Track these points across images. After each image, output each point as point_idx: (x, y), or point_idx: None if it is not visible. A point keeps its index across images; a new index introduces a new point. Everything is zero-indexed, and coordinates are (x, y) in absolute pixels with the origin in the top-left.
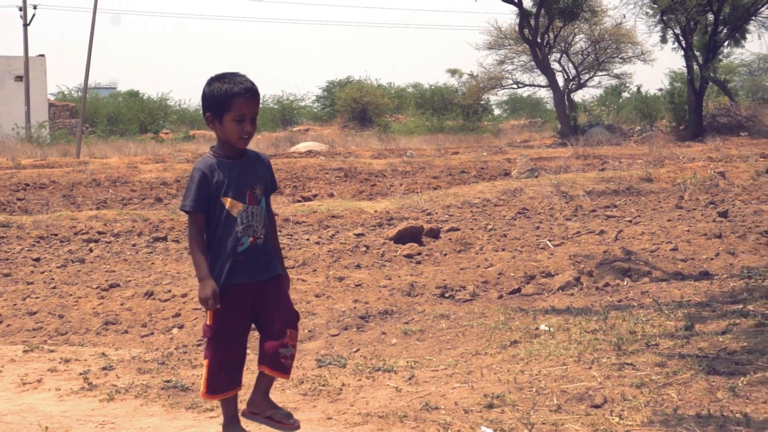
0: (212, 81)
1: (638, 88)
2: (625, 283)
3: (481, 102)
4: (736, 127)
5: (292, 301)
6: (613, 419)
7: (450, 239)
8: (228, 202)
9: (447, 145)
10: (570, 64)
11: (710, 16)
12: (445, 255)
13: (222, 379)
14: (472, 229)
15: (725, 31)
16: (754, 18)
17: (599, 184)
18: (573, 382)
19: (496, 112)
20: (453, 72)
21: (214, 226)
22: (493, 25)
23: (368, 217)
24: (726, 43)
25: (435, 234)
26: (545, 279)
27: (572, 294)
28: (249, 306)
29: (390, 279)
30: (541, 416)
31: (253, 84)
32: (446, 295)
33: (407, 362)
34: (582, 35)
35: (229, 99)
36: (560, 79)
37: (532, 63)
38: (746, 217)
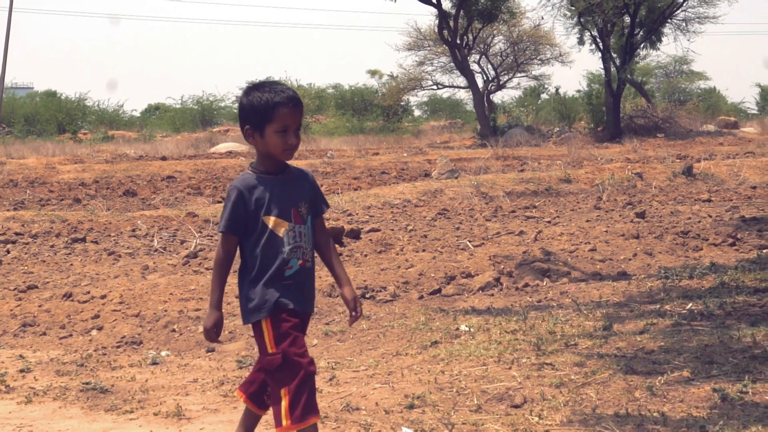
0: (251, 90)
1: (557, 90)
2: (544, 284)
3: (401, 103)
4: (653, 129)
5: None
6: (532, 419)
7: (370, 240)
8: (271, 221)
9: (367, 146)
10: (489, 66)
11: (627, 19)
12: (366, 256)
13: (307, 402)
14: (392, 229)
15: (641, 33)
16: (669, 21)
17: (519, 185)
18: (493, 383)
19: (416, 113)
20: (373, 73)
21: (254, 247)
22: (413, 27)
23: None
24: (642, 46)
25: (355, 235)
26: (465, 280)
27: (492, 294)
28: (302, 330)
29: None
30: (462, 416)
31: (295, 93)
32: (367, 295)
33: (328, 363)
34: (501, 37)
35: (271, 109)
36: (480, 81)
37: (452, 64)
38: (663, 217)
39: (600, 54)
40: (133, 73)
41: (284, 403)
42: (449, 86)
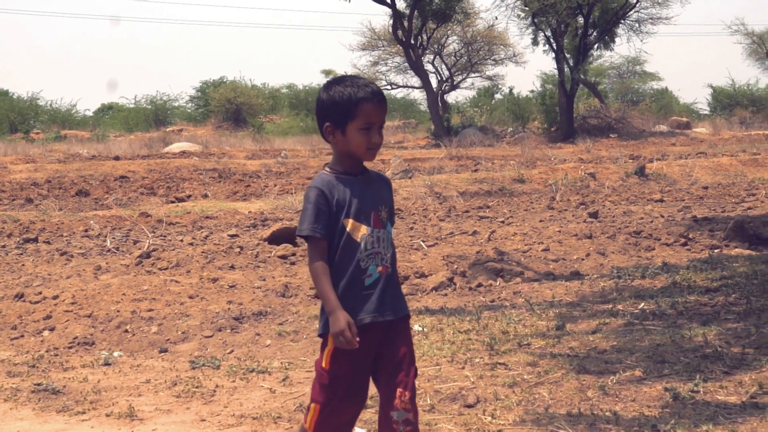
0: (331, 85)
1: (510, 90)
2: (497, 284)
3: None
4: (606, 129)
5: (168, 303)
6: (485, 419)
7: None
8: (350, 224)
9: (321, 146)
10: (443, 66)
11: (580, 19)
12: None
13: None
14: None
15: (595, 34)
16: (622, 21)
17: (472, 185)
18: (446, 382)
19: None
20: (327, 73)
21: (332, 251)
22: (367, 27)
23: (242, 218)
24: (596, 46)
25: None
26: (419, 279)
27: (446, 294)
28: (371, 352)
29: (264, 280)
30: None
31: (379, 88)
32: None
33: (281, 363)
34: (455, 37)
35: (355, 105)
36: (434, 81)
37: (406, 64)
38: (616, 217)
39: (554, 54)
40: (86, 73)
41: (311, 417)
42: (403, 86)
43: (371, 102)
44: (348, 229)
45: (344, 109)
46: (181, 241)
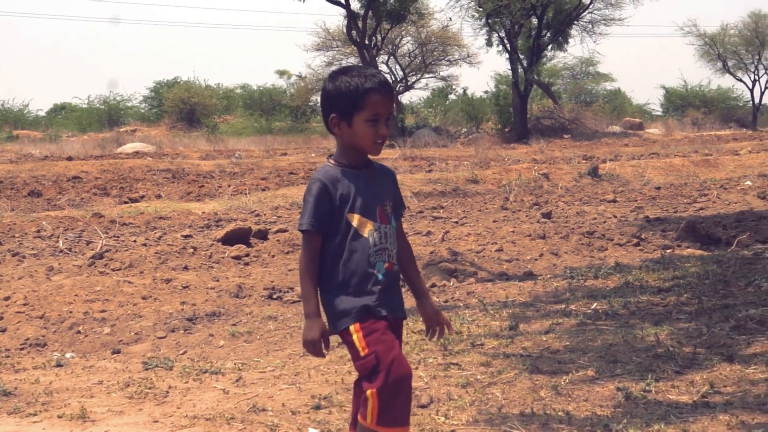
0: (337, 75)
1: (464, 91)
2: (451, 284)
3: (310, 103)
4: (560, 130)
5: (121, 304)
6: (438, 419)
7: (278, 240)
8: (356, 219)
9: (275, 147)
10: (397, 66)
11: (534, 20)
12: (273, 256)
13: (401, 407)
14: None
15: (549, 35)
16: (576, 22)
17: (426, 185)
18: None
19: None
20: (281, 73)
21: (338, 249)
22: (321, 27)
23: (196, 218)
24: (549, 47)
25: (263, 235)
26: None
27: None
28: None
29: (218, 281)
30: None
31: (386, 78)
32: (274, 296)
33: (235, 364)
34: (409, 37)
35: (362, 95)
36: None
37: (360, 65)
38: (569, 218)
39: (507, 55)
40: (38, 72)
41: (372, 404)
42: None
43: (379, 92)
44: (354, 224)
45: (351, 100)
46: (135, 241)
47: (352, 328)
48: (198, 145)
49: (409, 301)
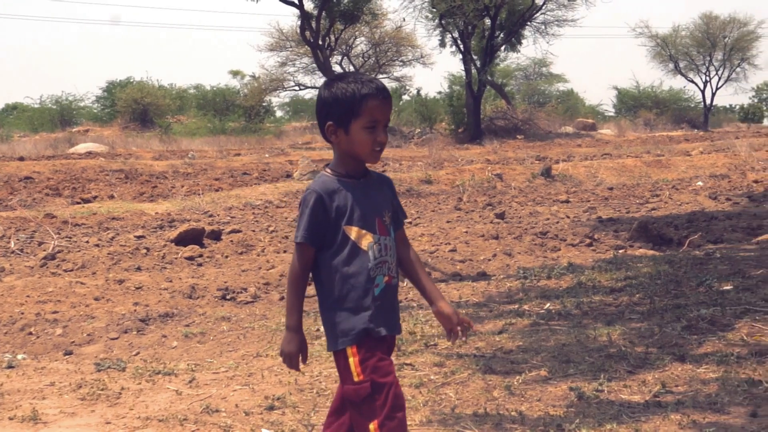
0: (333, 82)
1: (418, 91)
2: (404, 284)
3: (263, 104)
4: (513, 130)
5: (74, 305)
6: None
7: (232, 241)
8: (354, 231)
9: (229, 147)
10: (351, 67)
11: (487, 21)
12: (227, 257)
13: None
14: (254, 230)
15: (502, 35)
16: (529, 23)
17: None
18: None
19: (279, 114)
20: (235, 74)
21: (336, 263)
22: (275, 27)
23: (149, 219)
24: (503, 48)
25: (216, 236)
26: None
27: None
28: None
29: (171, 281)
30: (322, 417)
31: (384, 84)
32: (227, 297)
33: (188, 365)
34: (363, 38)
35: (359, 102)
36: None
37: (314, 65)
38: (522, 218)
39: (461, 56)
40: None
41: None
42: (311, 87)
43: (376, 98)
44: (353, 237)
45: (348, 107)
46: (87, 242)
47: (349, 351)
48: (151, 146)
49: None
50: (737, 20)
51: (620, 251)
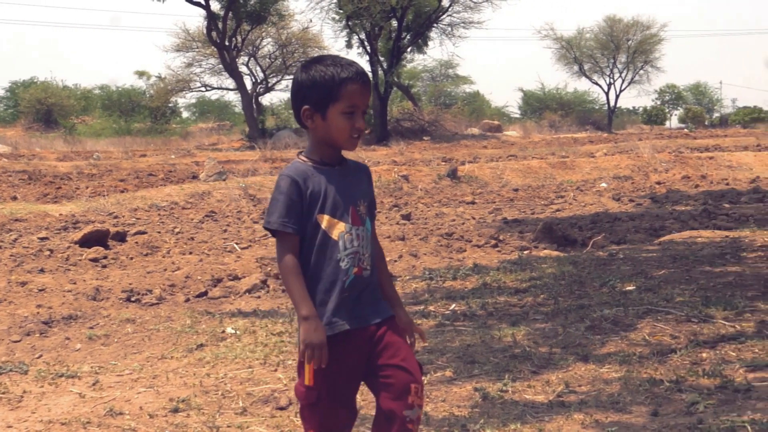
0: (310, 64)
1: None
2: None
3: (170, 104)
4: (420, 132)
5: None
6: (297, 421)
7: (137, 243)
8: (325, 220)
9: (135, 148)
10: (258, 68)
11: (394, 23)
12: (132, 259)
13: None
14: (159, 232)
15: (408, 37)
16: (435, 25)
17: None
18: (259, 385)
19: (185, 114)
20: (141, 74)
21: (303, 250)
22: (181, 28)
23: (53, 220)
24: (409, 49)
25: (121, 237)
26: (232, 282)
27: (259, 296)
28: (359, 359)
29: (75, 283)
30: (227, 419)
31: (363, 68)
32: (132, 299)
33: (92, 367)
34: (270, 39)
35: (338, 85)
36: (248, 83)
37: (220, 66)
38: (428, 219)
39: (368, 57)
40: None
41: None
42: (218, 88)
43: (356, 83)
44: (323, 226)
45: (326, 91)
46: None
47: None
48: (55, 146)
49: None
50: (640, 23)
51: (525, 252)
